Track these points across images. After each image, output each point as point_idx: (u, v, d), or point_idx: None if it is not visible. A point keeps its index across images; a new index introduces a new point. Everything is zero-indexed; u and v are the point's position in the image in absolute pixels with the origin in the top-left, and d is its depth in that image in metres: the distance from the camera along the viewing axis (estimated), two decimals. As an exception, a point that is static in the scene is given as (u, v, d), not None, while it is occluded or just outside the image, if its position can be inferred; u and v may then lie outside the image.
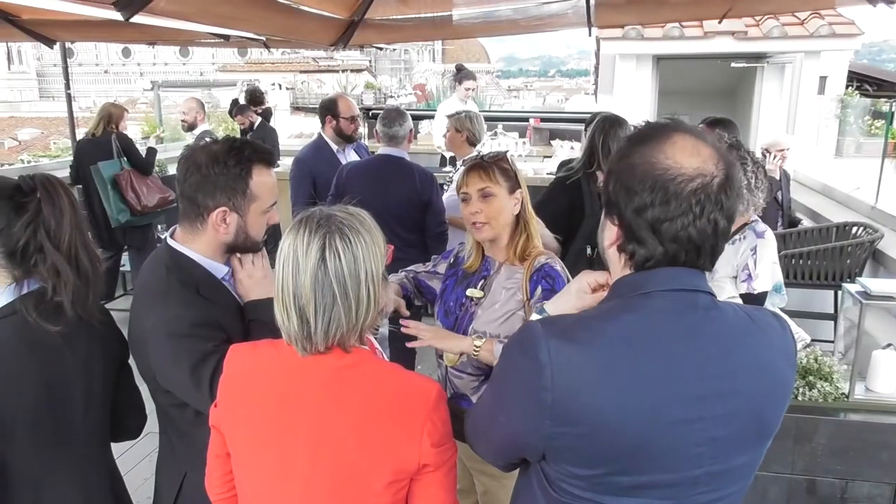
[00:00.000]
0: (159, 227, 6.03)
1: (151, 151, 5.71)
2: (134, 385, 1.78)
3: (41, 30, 4.49)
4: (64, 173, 7.31)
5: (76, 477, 1.58)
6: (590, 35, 4.00)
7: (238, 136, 7.85)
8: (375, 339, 1.59)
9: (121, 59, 73.28)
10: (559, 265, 2.03)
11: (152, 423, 1.82)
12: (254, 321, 1.64)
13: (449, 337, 1.96)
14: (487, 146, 5.38)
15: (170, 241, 1.68)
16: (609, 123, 3.25)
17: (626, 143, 1.13)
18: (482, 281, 2.08)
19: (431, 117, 8.42)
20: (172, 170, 7.25)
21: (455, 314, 2.09)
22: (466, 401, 2.06)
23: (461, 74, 5.85)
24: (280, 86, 20.10)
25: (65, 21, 4.32)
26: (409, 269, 2.32)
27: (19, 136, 33.37)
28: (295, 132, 10.67)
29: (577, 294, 1.45)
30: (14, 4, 3.88)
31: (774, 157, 4.61)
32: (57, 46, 6.25)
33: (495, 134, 5.65)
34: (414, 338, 1.89)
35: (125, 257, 5.79)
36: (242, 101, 7.39)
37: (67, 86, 6.60)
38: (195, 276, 1.64)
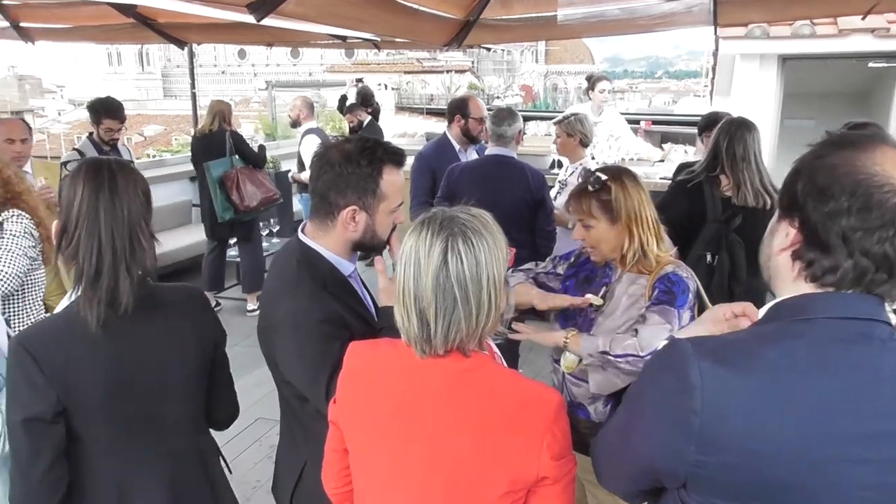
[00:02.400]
0: (271, 220, 6.29)
1: (262, 148, 5.95)
2: (227, 378, 1.78)
3: (174, 32, 4.76)
4: (185, 167, 7.75)
5: (161, 466, 1.59)
6: (715, 34, 3.82)
7: (346, 133, 8.06)
8: (496, 343, 1.56)
9: (237, 60, 77.04)
10: (686, 272, 1.94)
11: (262, 410, 1.88)
12: (385, 328, 1.65)
13: (544, 331, 1.95)
14: (601, 150, 5.26)
15: (301, 236, 1.71)
16: (735, 126, 3.10)
17: (823, 145, 1.02)
18: (604, 288, 2.02)
19: (538, 118, 8.34)
20: (285, 166, 7.54)
21: (575, 319, 2.04)
22: (583, 410, 2.00)
23: (594, 79, 5.66)
24: (386, 86, 20.59)
25: (196, 24, 4.56)
26: (526, 267, 2.27)
27: (145, 132, 35.73)
28: (399, 131, 10.86)
29: (713, 322, 1.35)
30: (152, 8, 4.12)
31: None
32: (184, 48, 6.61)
33: (612, 137, 5.47)
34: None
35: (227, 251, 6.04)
36: (351, 99, 7.58)
37: (193, 85, 6.97)
38: (323, 271, 1.66)
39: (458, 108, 4.10)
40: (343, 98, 8.37)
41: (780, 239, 1.05)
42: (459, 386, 1.24)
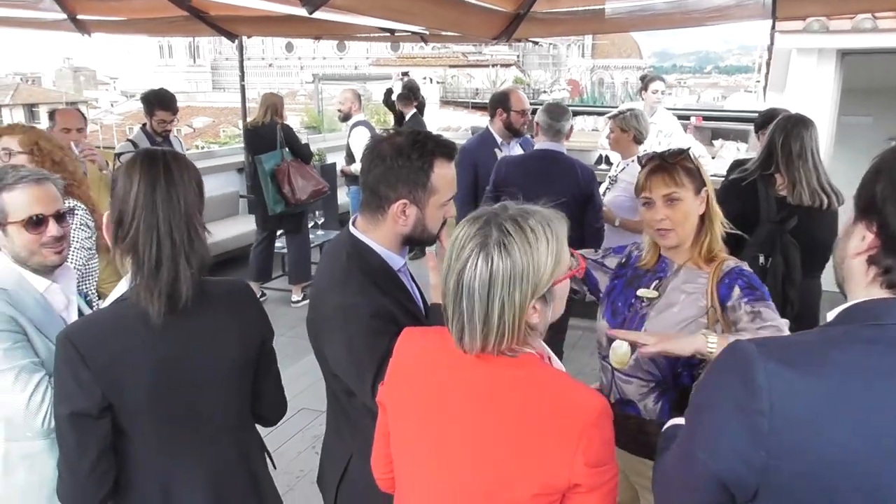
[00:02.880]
0: (317, 212, 6.35)
1: (306, 146, 5.99)
2: (273, 375, 1.77)
3: (226, 25, 4.83)
4: (233, 159, 7.89)
5: (205, 463, 1.59)
6: (772, 28, 3.71)
7: (391, 125, 8.08)
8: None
9: (284, 53, 78.07)
10: (748, 268, 1.89)
11: (306, 400, 1.88)
12: (433, 325, 1.64)
13: (676, 338, 1.79)
14: (650, 147, 5.16)
15: (351, 229, 1.71)
16: (792, 123, 3.01)
17: None
18: (656, 282, 1.96)
19: (585, 113, 8.24)
20: (331, 158, 7.60)
21: (623, 314, 1.99)
22: (633, 407, 1.96)
23: (647, 79, 5.56)
24: (431, 80, 20.61)
25: (247, 17, 4.63)
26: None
27: (194, 123, 36.51)
28: (443, 125, 10.87)
29: None
30: (205, 1, 4.19)
31: None
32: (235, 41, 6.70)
33: (661, 133, 5.36)
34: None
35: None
36: (397, 92, 7.59)
37: (242, 77, 7.05)
38: (373, 265, 1.66)
39: (499, 102, 4.08)
40: (389, 91, 8.40)
41: (856, 242, 1.01)
42: (502, 383, 1.22)
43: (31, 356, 1.68)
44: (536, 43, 7.14)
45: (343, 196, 7.26)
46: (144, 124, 4.97)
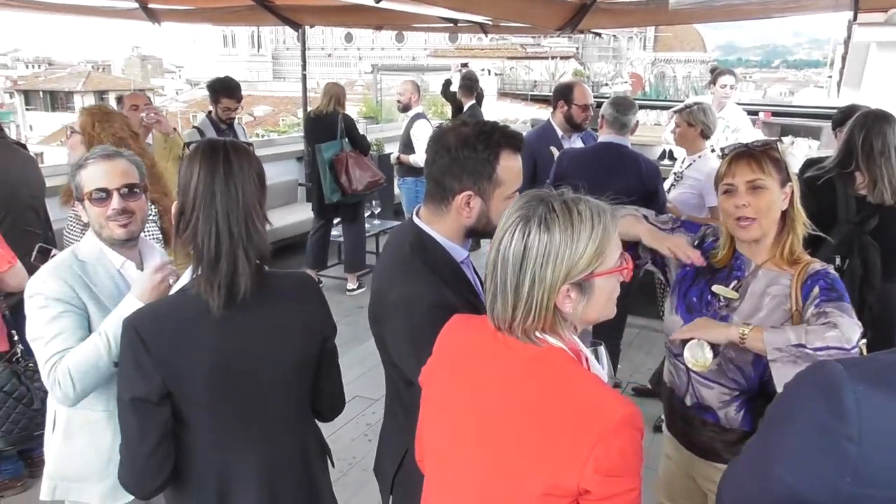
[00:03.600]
0: (373, 202, 6.39)
1: (366, 138, 6.03)
2: (334, 372, 1.74)
3: (290, 14, 4.88)
4: (293, 147, 8.00)
5: (261, 456, 1.57)
6: (854, 20, 3.54)
7: (448, 117, 8.05)
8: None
9: (343, 43, 78.96)
10: (834, 271, 1.79)
11: (359, 388, 1.87)
12: None
13: (711, 325, 1.74)
14: (718, 142, 5.00)
15: (415, 220, 1.69)
16: (873, 119, 2.85)
17: None
18: (735, 281, 1.86)
19: (647, 107, 8.05)
20: (388, 148, 7.63)
21: (699, 312, 1.88)
22: (712, 414, 1.87)
23: (716, 72, 5.38)
24: (489, 71, 20.56)
25: (311, 6, 4.66)
26: (644, 212, 2.08)
27: (254, 112, 37.28)
28: (500, 118, 10.80)
29: None
30: (271, -10, 4.24)
31: None
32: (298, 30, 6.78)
33: (729, 128, 5.17)
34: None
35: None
36: (456, 83, 7.55)
37: (304, 67, 7.12)
38: (436, 256, 1.64)
39: (562, 94, 4.01)
40: (447, 82, 8.37)
41: None
42: (523, 373, 1.21)
43: (73, 328, 1.73)
44: (598, 35, 6.99)
45: (397, 187, 7.27)
46: (210, 112, 5.06)
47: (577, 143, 4.08)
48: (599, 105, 3.92)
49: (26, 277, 2.40)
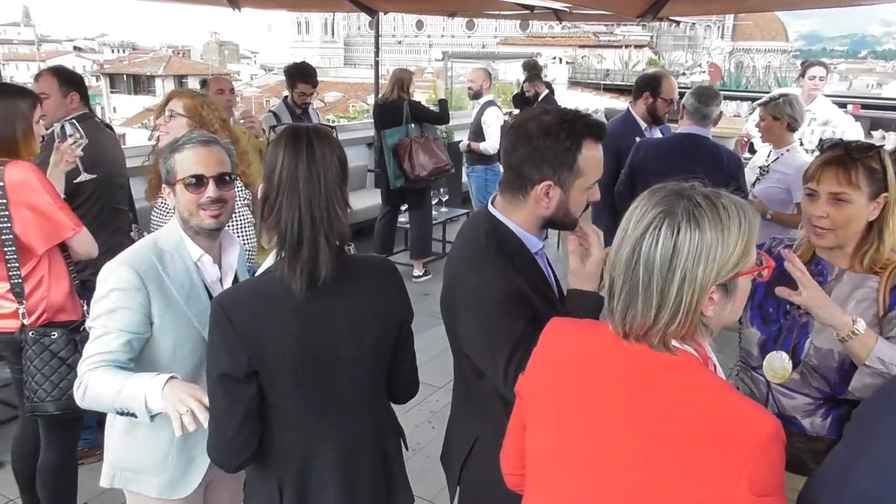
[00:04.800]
0: (441, 189, 6.38)
1: (443, 103, 5.96)
2: (410, 356, 1.74)
3: (367, 1, 4.89)
4: (360, 134, 8.08)
5: (338, 435, 1.59)
6: (962, 6, 3.30)
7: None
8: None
9: (414, 31, 79.27)
10: None
11: (424, 375, 1.87)
12: (568, 312, 1.57)
13: (828, 303, 1.61)
14: (806, 135, 4.78)
15: (490, 209, 1.67)
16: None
17: None
18: None
19: (728, 98, 7.79)
20: (457, 136, 7.61)
21: (778, 322, 1.81)
22: (795, 424, 1.79)
23: (806, 64, 5.12)
24: (560, 59, 20.22)
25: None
26: None
27: (325, 98, 37.86)
28: (570, 107, 10.60)
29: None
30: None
31: None
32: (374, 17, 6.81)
33: (822, 121, 4.91)
34: None
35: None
36: (523, 72, 7.44)
37: (377, 54, 7.18)
38: (512, 246, 1.61)
39: (648, 86, 3.88)
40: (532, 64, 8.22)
41: None
42: (651, 382, 1.12)
43: (127, 326, 1.71)
44: (677, 23, 6.77)
45: (465, 174, 7.24)
46: (286, 97, 5.15)
47: (656, 134, 3.96)
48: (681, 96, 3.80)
49: (94, 246, 2.47)
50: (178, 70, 46.57)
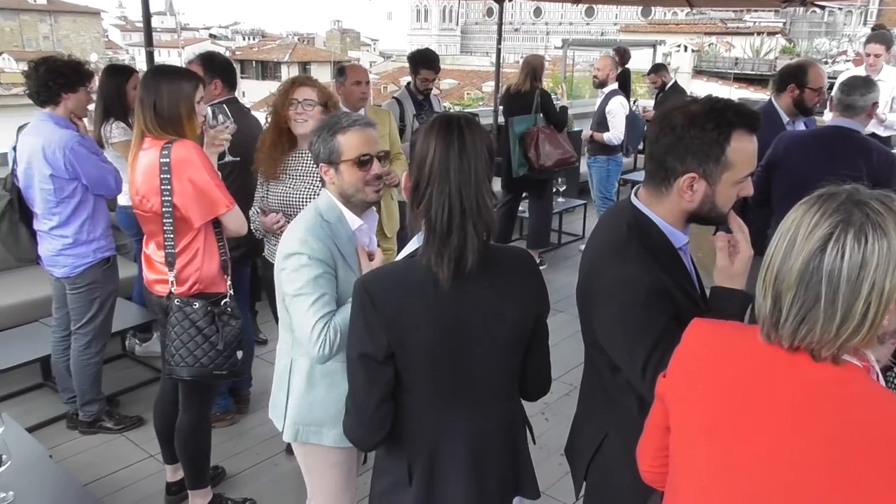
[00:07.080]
0: (559, 179, 6.30)
1: (563, 109, 5.94)
2: (543, 350, 1.73)
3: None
4: (484, 121, 8.09)
5: (469, 424, 1.60)
6: None
7: (640, 94, 7.70)
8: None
9: (531, 18, 78.41)
10: None
11: None
12: (713, 310, 1.52)
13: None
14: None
15: (633, 200, 1.63)
16: None
17: None
18: None
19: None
20: (577, 126, 7.49)
21: None
22: None
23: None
24: (685, 47, 19.37)
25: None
26: None
27: (441, 85, 38.25)
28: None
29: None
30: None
31: None
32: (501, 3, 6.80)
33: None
34: None
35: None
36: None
37: (499, 41, 7.15)
38: (654, 240, 1.57)
39: (793, 76, 3.64)
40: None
41: None
42: (817, 398, 1.05)
43: (331, 289, 1.87)
44: (821, 7, 6.32)
45: (584, 165, 7.11)
46: (409, 83, 5.24)
47: (800, 127, 3.72)
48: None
49: (244, 223, 2.65)
50: (302, 57, 48.35)
